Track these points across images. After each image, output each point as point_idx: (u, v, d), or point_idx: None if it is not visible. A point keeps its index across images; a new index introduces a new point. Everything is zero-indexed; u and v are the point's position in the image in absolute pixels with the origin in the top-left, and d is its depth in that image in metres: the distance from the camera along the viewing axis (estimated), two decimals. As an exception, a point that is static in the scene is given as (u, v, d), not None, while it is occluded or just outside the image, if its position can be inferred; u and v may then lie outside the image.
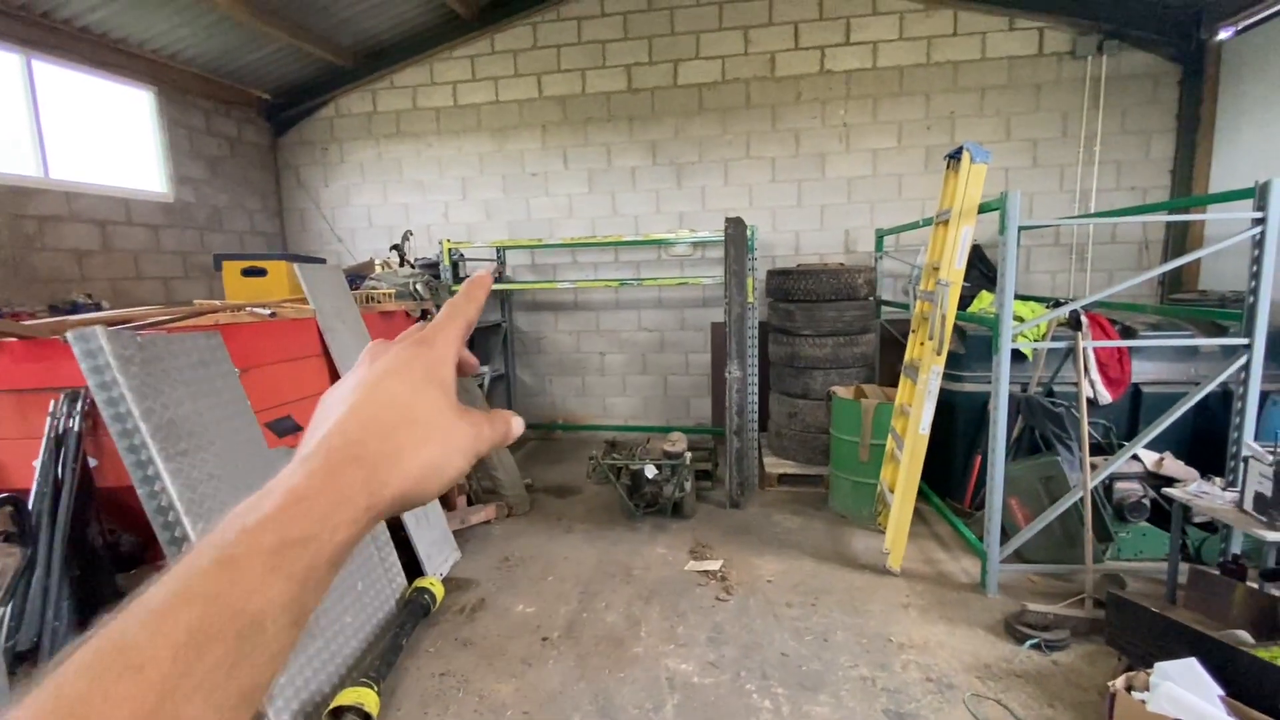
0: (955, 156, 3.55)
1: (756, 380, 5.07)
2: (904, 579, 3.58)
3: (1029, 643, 2.90)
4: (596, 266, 6.50)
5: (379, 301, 4.31)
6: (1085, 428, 3.24)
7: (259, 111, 6.77)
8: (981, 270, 5.29)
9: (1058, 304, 3.66)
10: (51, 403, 2.44)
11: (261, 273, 3.87)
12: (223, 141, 6.40)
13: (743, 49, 5.94)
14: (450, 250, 5.73)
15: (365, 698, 2.46)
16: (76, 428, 2.37)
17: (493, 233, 6.60)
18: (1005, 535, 3.44)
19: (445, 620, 3.31)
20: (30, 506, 2.34)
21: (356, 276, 5.00)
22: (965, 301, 4.35)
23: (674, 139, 6.19)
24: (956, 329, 4.02)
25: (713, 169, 6.16)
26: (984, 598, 3.36)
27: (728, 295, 4.50)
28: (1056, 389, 3.99)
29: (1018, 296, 3.56)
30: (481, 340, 6.59)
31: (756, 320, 5.12)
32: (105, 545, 2.67)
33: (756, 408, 5.11)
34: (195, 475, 2.29)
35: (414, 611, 3.17)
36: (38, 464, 2.42)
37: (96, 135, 5.32)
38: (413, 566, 3.53)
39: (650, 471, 4.27)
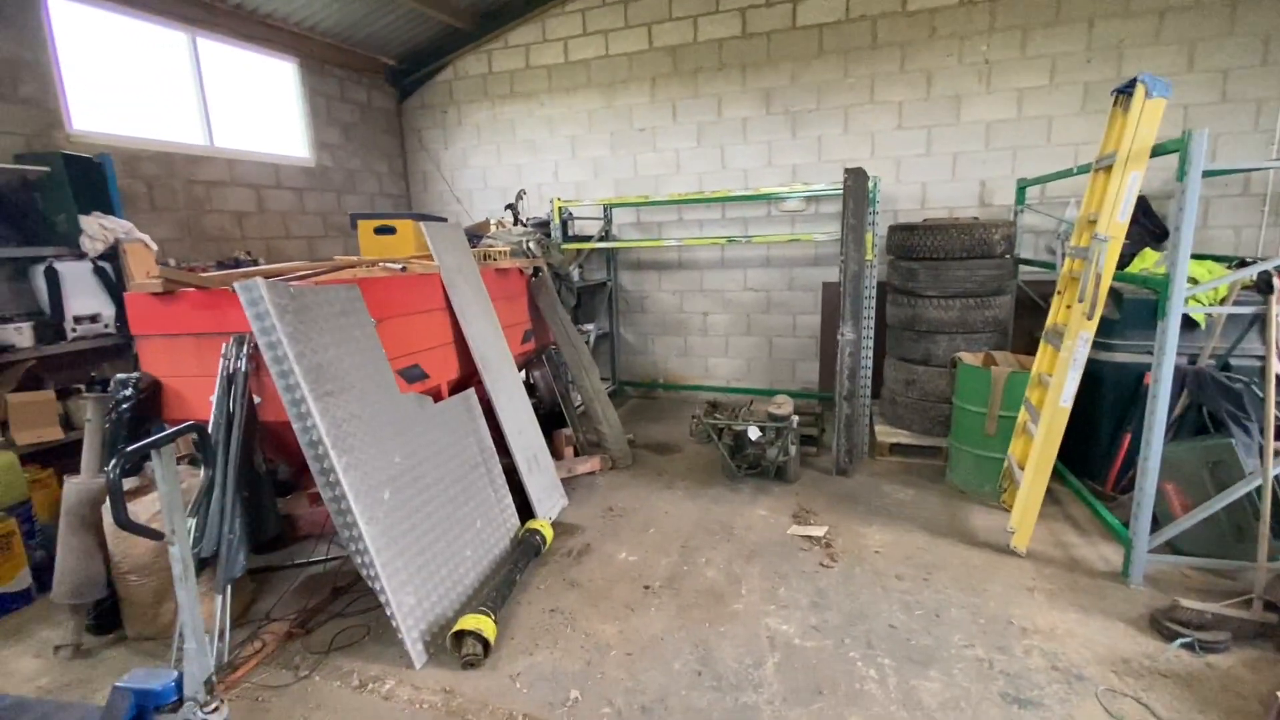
0: (1126, 91, 3.08)
1: (872, 344, 4.81)
2: (1030, 561, 3.32)
3: (1179, 641, 2.60)
4: (702, 224, 6.37)
5: (495, 259, 4.48)
6: (1271, 407, 2.79)
7: (386, 78, 7.15)
8: (1146, 225, 4.63)
9: (1243, 263, 3.13)
10: (223, 345, 2.77)
11: (391, 230, 4.13)
12: (354, 108, 6.84)
13: (870, -18, 5.45)
14: (560, 209, 5.83)
15: (484, 624, 2.66)
16: (244, 368, 2.68)
17: (600, 190, 6.63)
18: (1157, 524, 3.08)
19: (554, 561, 3.49)
20: (210, 435, 2.69)
21: (474, 235, 5.22)
22: (1124, 261, 3.84)
23: (790, 86, 5.85)
24: (1112, 291, 3.57)
25: (831, 117, 5.78)
26: (1125, 588, 3.05)
27: (844, 252, 4.25)
28: (1234, 363, 3.45)
29: (1193, 256, 3.09)
30: (588, 299, 6.72)
31: (875, 280, 4.82)
32: (268, 473, 3.03)
33: (870, 373, 4.85)
34: (339, 414, 2.53)
35: (526, 551, 3.37)
36: (213, 399, 2.77)
37: (250, 105, 5.85)
38: (524, 509, 3.74)
39: (754, 433, 4.21)
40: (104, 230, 3.97)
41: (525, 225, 5.67)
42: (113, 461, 1.81)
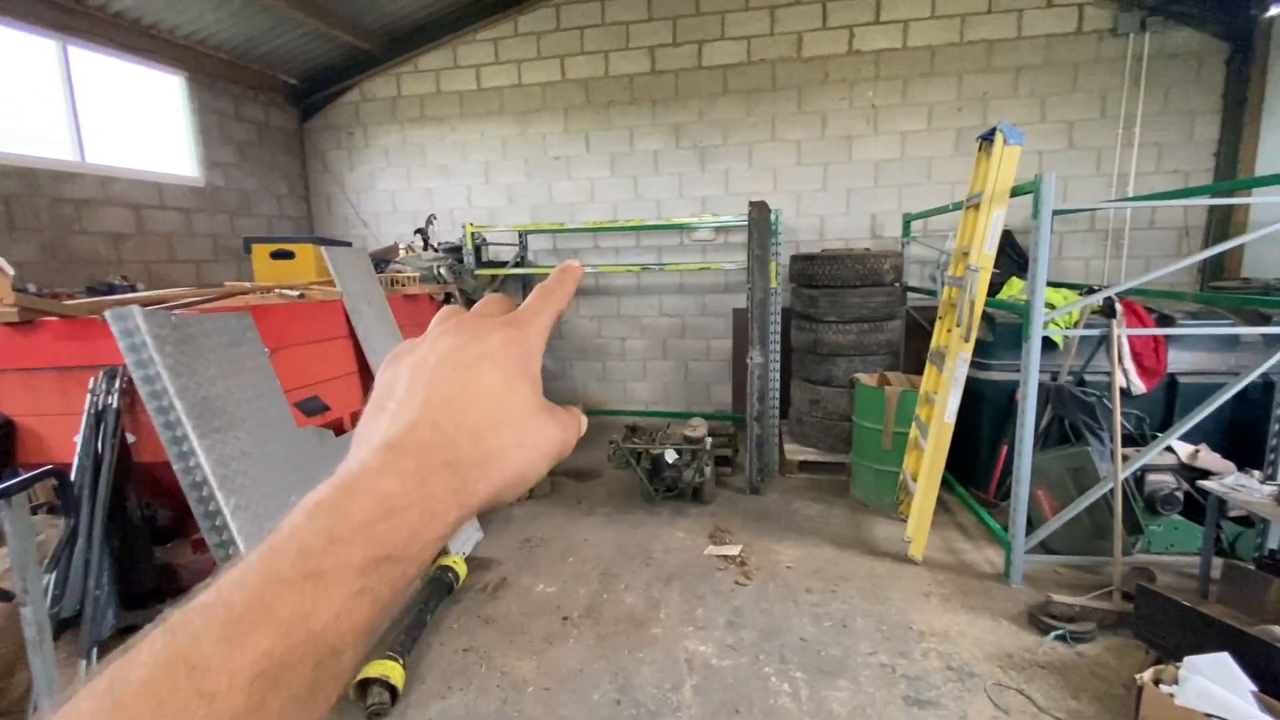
0: (988, 138, 3.46)
1: (778, 367, 5.04)
2: (926, 568, 3.55)
3: (1053, 634, 2.86)
4: (618, 251, 6.49)
5: (404, 285, 4.35)
6: (1118, 418, 3.17)
7: (286, 96, 6.84)
8: (1011, 256, 5.17)
9: (1091, 290, 3.56)
10: (91, 380, 2.52)
11: (289, 255, 3.93)
12: (251, 126, 6.49)
13: (769, 29, 5.83)
14: (473, 234, 5.76)
15: (391, 670, 2.52)
16: (115, 404, 2.45)
17: (515, 216, 6.61)
18: (1031, 526, 3.39)
19: (468, 598, 3.37)
20: (72, 480, 2.43)
21: (381, 260, 5.05)
22: (995, 289, 4.26)
23: (697, 122, 6.12)
24: (985, 316, 3.94)
25: (737, 152, 6.09)
26: (1007, 588, 3.32)
27: (750, 281, 4.46)
28: (1088, 378, 3.89)
29: (1049, 283, 3.48)
30: (503, 324, 6.63)
31: (780, 306, 5.07)
32: (144, 519, 2.76)
33: (778, 394, 5.08)
34: (228, 452, 2.35)
35: (438, 589, 3.23)
36: (79, 439, 2.51)
37: (129, 120, 5.43)
38: (436, 545, 3.59)
39: (670, 456, 4.28)
40: (-55, 252, 3.52)
41: (436, 250, 5.55)
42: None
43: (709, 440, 4.36)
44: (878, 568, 3.57)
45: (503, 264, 6.20)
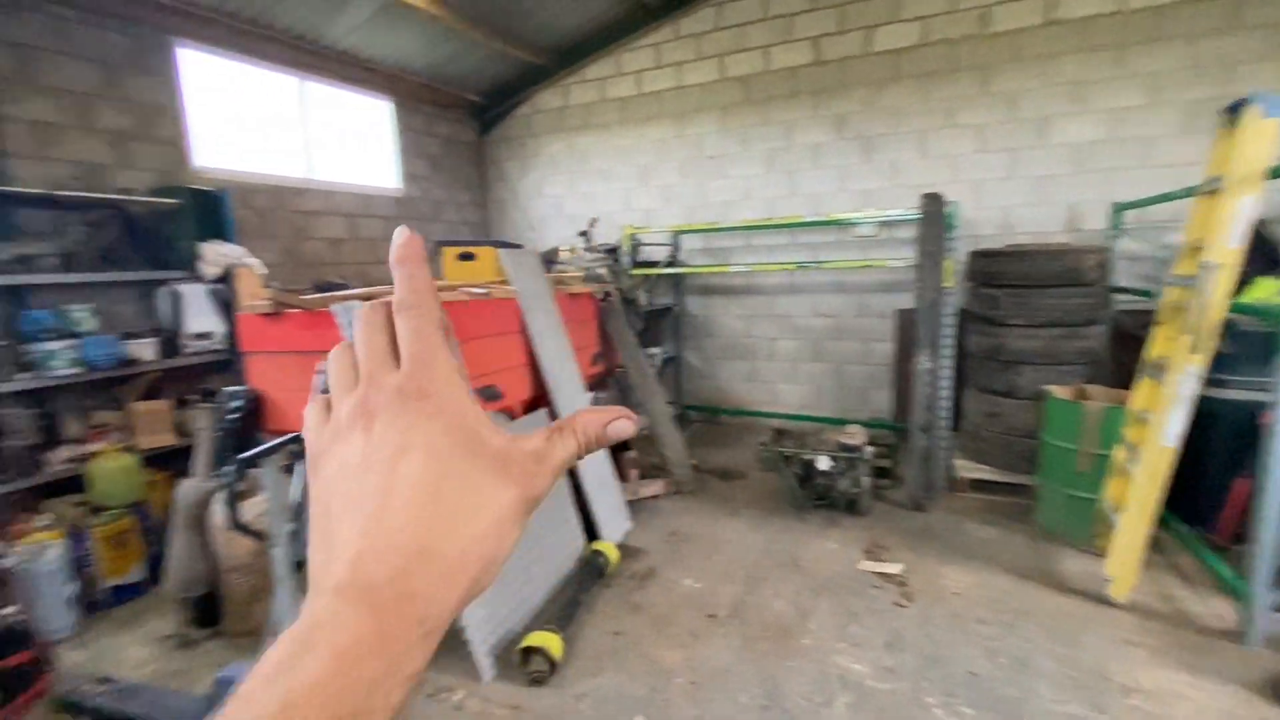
0: (1235, 110, 2.88)
1: (950, 374, 4.62)
2: (1131, 613, 3.06)
3: (1312, 714, 2.33)
4: (771, 249, 6.35)
5: (568, 284, 4.63)
6: None
7: (469, 113, 7.58)
8: (1263, 252, 4.26)
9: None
10: (320, 363, 2.98)
11: (472, 257, 4.35)
12: (440, 141, 7.27)
13: (949, 5, 5.36)
14: (630, 236, 5.96)
15: (551, 642, 2.70)
16: (339, 384, 2.88)
17: (669, 217, 6.74)
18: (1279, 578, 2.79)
19: (618, 584, 3.51)
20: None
21: (546, 261, 5.41)
22: (1234, 290, 3.54)
23: (863, 111, 5.79)
24: (1225, 323, 3.30)
25: (907, 141, 5.68)
26: (1242, 650, 2.76)
27: (920, 279, 4.14)
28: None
29: (1320, 283, 2.83)
30: (654, 323, 6.80)
31: (954, 307, 4.65)
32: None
33: (949, 404, 4.66)
34: (423, 430, 2.67)
35: (591, 572, 3.41)
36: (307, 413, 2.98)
37: (348, 141, 6.33)
38: (590, 530, 3.79)
39: (824, 463, 4.11)
40: (220, 256, 4.37)
41: (596, 251, 5.83)
42: (227, 467, 1.98)
43: (868, 449, 4.12)
44: (1066, 605, 3.15)
45: (656, 264, 6.35)
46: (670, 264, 6.38)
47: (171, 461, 4.05)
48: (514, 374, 3.69)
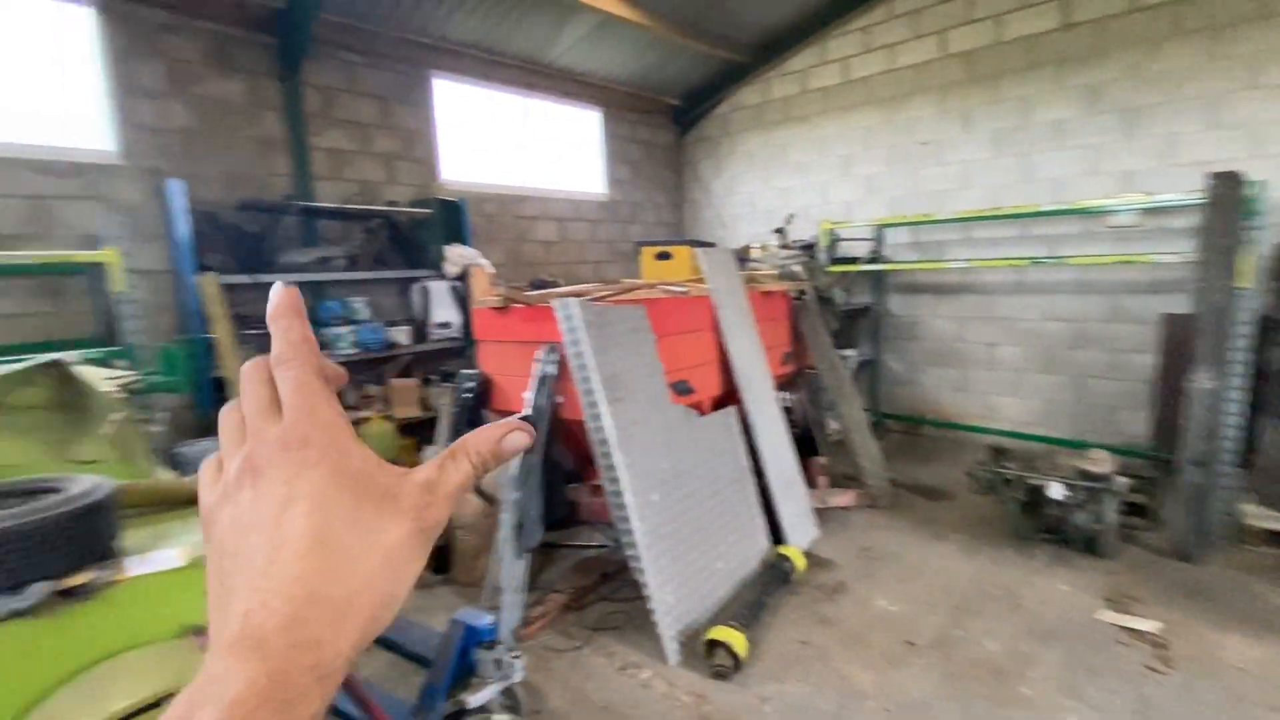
0: None
1: (1241, 396, 3.70)
2: None
3: None
4: (995, 243, 5.63)
5: (761, 282, 4.57)
6: None
7: (669, 117, 7.84)
8: None
9: None
10: (538, 351, 3.30)
11: (669, 256, 4.50)
12: (642, 146, 7.62)
13: (1260, -65, 4.27)
14: (828, 231, 5.70)
15: (736, 639, 2.70)
16: (553, 372, 3.16)
17: (871, 210, 6.31)
18: None
19: (805, 592, 3.39)
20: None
21: (737, 259, 5.40)
22: None
23: (1125, 79, 4.87)
24: None
25: (1187, 110, 4.65)
26: None
27: (1203, 278, 3.37)
28: None
29: None
30: (850, 323, 6.43)
31: (1250, 314, 3.71)
32: (559, 461, 3.52)
33: (1237, 435, 3.74)
34: (625, 418, 2.82)
35: (776, 576, 3.33)
36: (527, 395, 3.32)
37: (561, 150, 6.93)
38: (775, 534, 3.70)
39: (1056, 491, 3.55)
40: (459, 257, 5.06)
41: (791, 248, 5.68)
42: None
43: (1119, 480, 3.47)
44: None
45: (855, 260, 6.00)
46: (872, 260, 5.98)
47: (418, 430, 4.79)
48: (705, 370, 3.75)
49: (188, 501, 1.72)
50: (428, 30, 5.35)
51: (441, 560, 3.63)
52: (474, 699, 2.15)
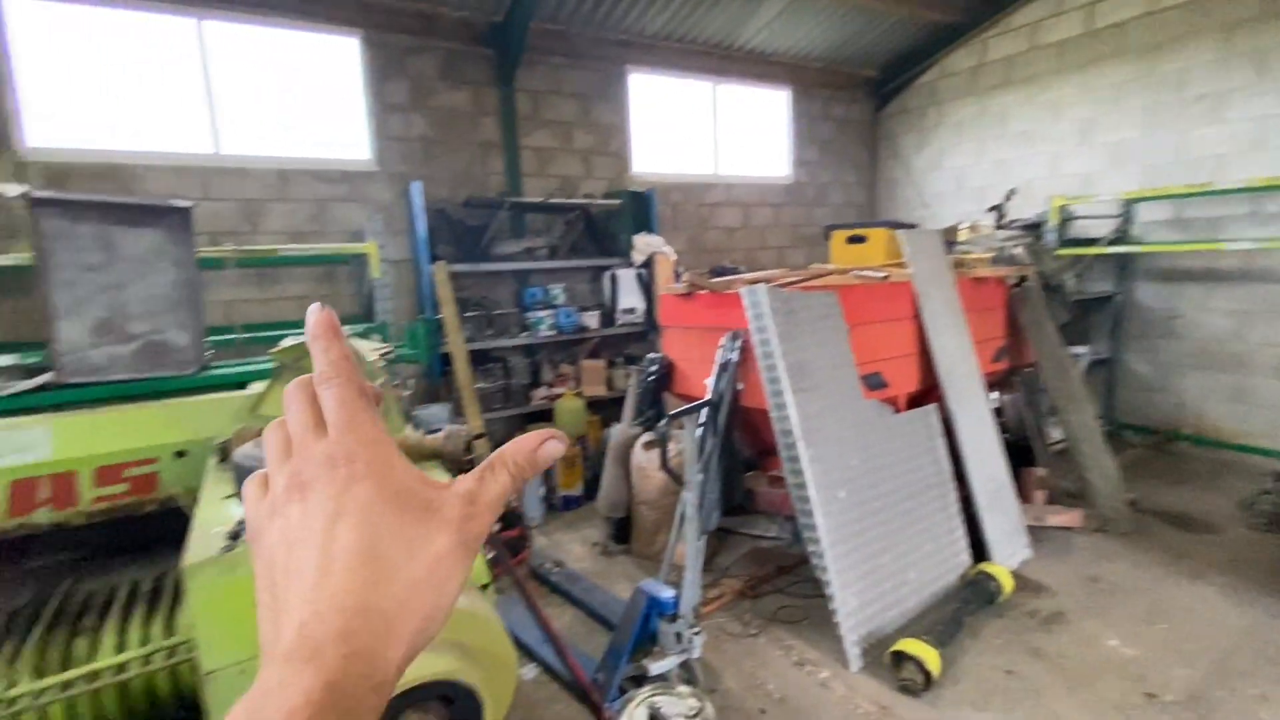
0: None
1: None
2: None
3: None
4: (1300, 218, 4.44)
5: (970, 267, 4.10)
6: None
7: (865, 91, 7.32)
8: None
9: None
10: (721, 338, 3.32)
11: (862, 239, 4.22)
12: (833, 124, 7.23)
13: None
14: (1060, 208, 4.93)
15: (928, 655, 2.49)
16: (735, 359, 3.16)
17: (1118, 182, 5.33)
18: None
19: (1012, 617, 3.02)
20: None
21: (944, 242, 4.89)
22: None
23: None
24: None
25: None
26: None
27: None
28: None
29: None
30: (1082, 315, 5.52)
31: None
32: (739, 449, 3.51)
33: None
34: (811, 409, 2.73)
35: (978, 593, 3.01)
36: (708, 382, 3.35)
37: (747, 135, 6.82)
38: (978, 549, 3.34)
39: (1386, 536, 2.74)
40: (646, 245, 5.25)
41: (1010, 228, 5.01)
42: (654, 419, 2.38)
43: None
44: None
45: (1093, 241, 5.12)
46: (1116, 240, 5.05)
47: (604, 408, 5.09)
48: (902, 363, 3.47)
49: (427, 456, 2.02)
50: (624, 27, 5.58)
51: (623, 531, 3.84)
52: (655, 666, 2.26)
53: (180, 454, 2.42)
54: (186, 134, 4.28)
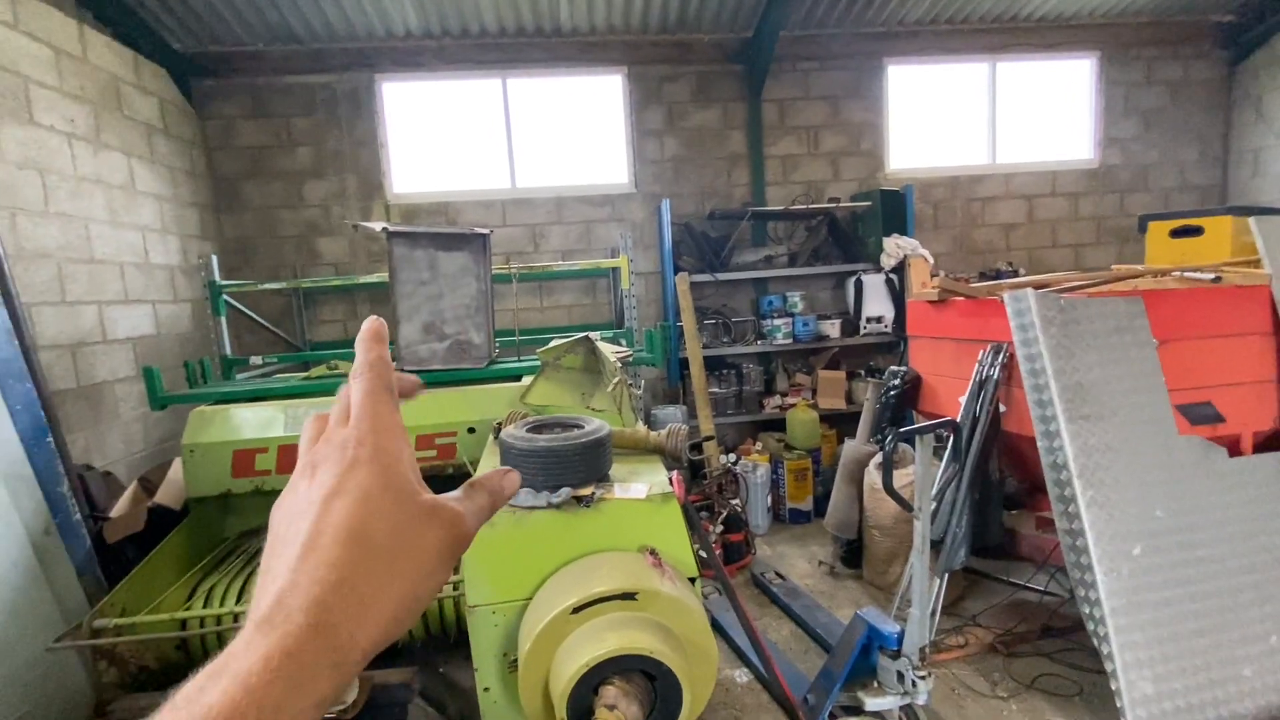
0: None
1: None
2: None
3: None
4: None
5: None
6: None
7: (1214, 41, 5.71)
8: None
9: None
10: (980, 352, 2.91)
11: (1196, 231, 3.31)
12: (1163, 89, 5.78)
13: None
14: None
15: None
16: (995, 376, 2.74)
17: None
18: None
19: None
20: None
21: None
22: None
23: None
24: None
25: None
26: None
27: None
28: None
29: None
30: None
31: None
32: (998, 481, 3.04)
33: None
34: (1093, 442, 2.24)
35: None
36: (962, 400, 2.96)
37: (1034, 116, 5.83)
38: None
39: None
40: (898, 248, 4.85)
41: None
42: (888, 437, 2.20)
43: None
44: None
45: None
46: None
47: (840, 422, 4.84)
48: (1248, 391, 2.64)
49: (650, 450, 2.18)
50: (881, 19, 5.24)
51: (853, 554, 3.61)
52: (871, 702, 2.08)
53: (471, 430, 2.99)
54: (492, 173, 5.28)
